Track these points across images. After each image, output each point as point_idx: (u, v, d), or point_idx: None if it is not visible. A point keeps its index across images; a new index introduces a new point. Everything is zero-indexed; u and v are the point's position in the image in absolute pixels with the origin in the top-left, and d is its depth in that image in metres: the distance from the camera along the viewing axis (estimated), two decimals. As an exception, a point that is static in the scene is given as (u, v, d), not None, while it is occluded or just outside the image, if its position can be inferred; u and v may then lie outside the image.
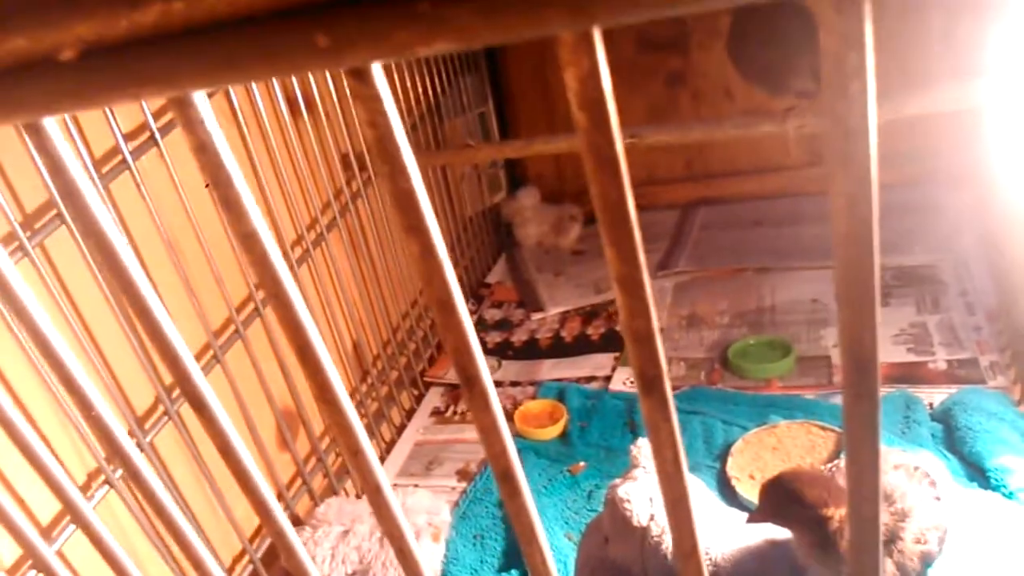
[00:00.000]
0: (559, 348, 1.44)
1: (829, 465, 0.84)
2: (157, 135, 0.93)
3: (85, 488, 0.87)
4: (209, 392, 0.36)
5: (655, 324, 0.27)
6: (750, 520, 0.78)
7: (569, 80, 0.24)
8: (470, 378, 0.30)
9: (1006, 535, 0.86)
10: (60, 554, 0.80)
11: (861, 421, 0.26)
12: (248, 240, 0.29)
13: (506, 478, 0.32)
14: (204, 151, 0.28)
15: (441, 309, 0.29)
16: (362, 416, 1.31)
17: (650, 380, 0.28)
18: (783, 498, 0.74)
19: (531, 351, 1.45)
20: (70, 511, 0.45)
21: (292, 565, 0.40)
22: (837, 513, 0.71)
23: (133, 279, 0.32)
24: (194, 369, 0.35)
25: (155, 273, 0.93)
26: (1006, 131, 1.17)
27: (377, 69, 0.25)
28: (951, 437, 1.04)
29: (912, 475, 0.78)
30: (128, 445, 0.41)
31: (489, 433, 0.31)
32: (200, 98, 0.27)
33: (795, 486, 0.73)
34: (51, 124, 0.29)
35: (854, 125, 0.23)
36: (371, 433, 1.32)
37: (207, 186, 1.10)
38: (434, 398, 1.41)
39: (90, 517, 0.45)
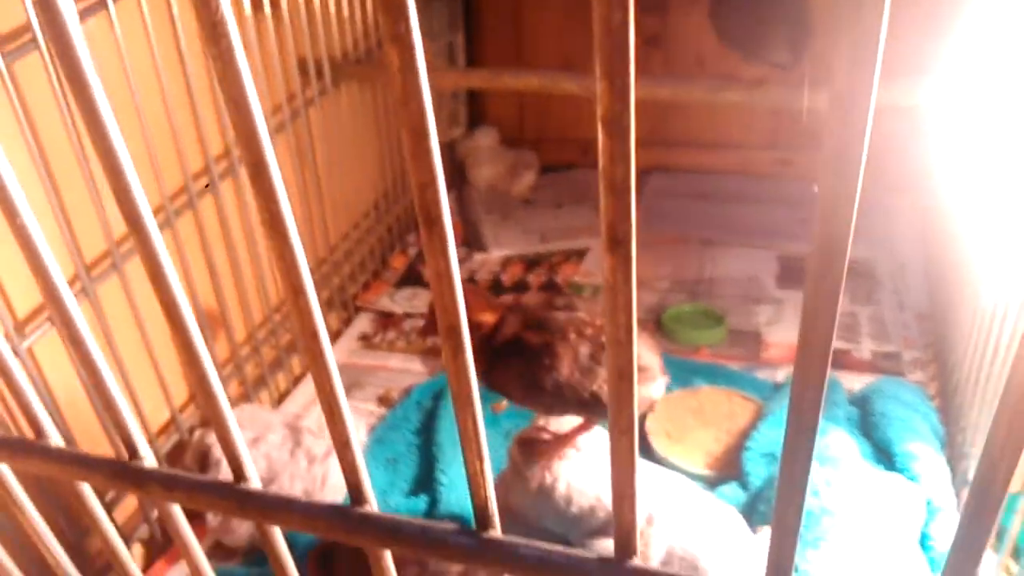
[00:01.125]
0: (497, 291, 1.43)
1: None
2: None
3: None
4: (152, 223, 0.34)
5: (633, 176, 0.26)
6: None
7: None
8: (432, 217, 0.29)
9: (904, 513, 0.89)
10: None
11: (823, 294, 0.26)
12: (216, 29, 0.27)
13: (452, 333, 0.31)
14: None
15: (413, 136, 0.28)
16: (286, 331, 1.28)
17: (618, 237, 0.27)
18: None
19: (468, 290, 1.44)
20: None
21: (212, 412, 0.38)
22: (487, 317, 0.82)
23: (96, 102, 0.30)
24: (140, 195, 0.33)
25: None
26: (948, 135, 1.20)
27: None
28: (866, 421, 1.07)
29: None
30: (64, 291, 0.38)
31: (442, 279, 0.30)
32: None
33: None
34: None
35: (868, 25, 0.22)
36: (293, 351, 1.30)
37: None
38: (363, 323, 1.38)
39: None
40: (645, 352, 0.83)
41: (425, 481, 1.06)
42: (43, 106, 0.83)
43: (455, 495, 1.01)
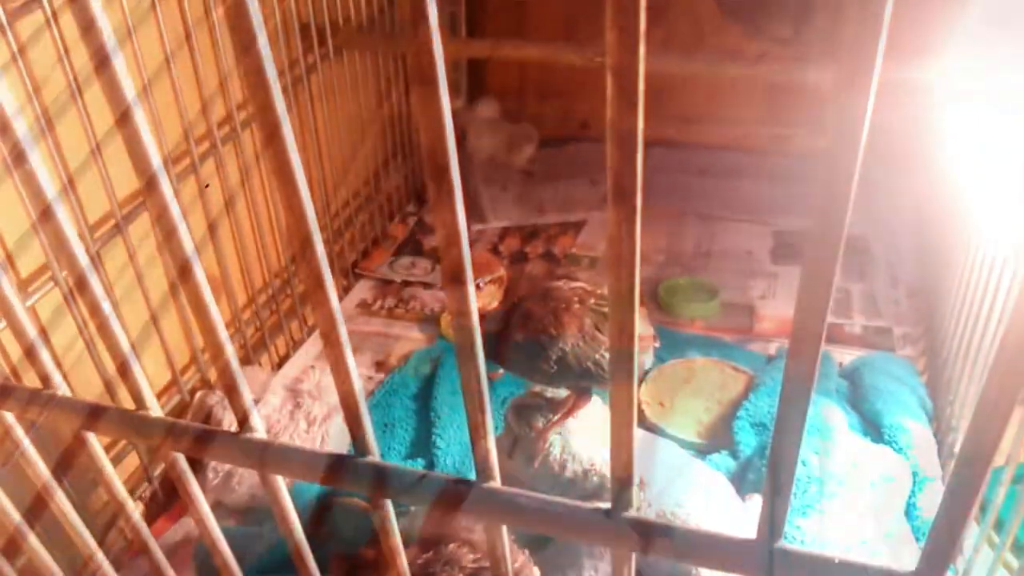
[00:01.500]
0: (494, 261, 1.44)
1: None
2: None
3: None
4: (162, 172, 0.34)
5: (641, 129, 0.27)
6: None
7: None
8: (440, 169, 0.30)
9: (891, 483, 0.91)
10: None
11: (820, 262, 0.27)
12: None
13: (456, 280, 0.32)
14: None
15: (423, 87, 0.28)
16: (287, 297, 1.29)
17: (624, 190, 0.28)
18: None
19: (466, 260, 1.45)
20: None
21: (218, 363, 0.39)
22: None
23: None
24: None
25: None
26: (950, 117, 1.20)
27: None
28: (855, 394, 1.08)
29: None
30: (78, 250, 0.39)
31: (450, 231, 0.31)
32: None
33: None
34: None
35: None
36: (293, 315, 1.31)
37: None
38: (363, 290, 1.39)
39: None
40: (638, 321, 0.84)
41: (422, 445, 1.07)
42: (48, 71, 0.83)
43: (451, 459, 1.03)
